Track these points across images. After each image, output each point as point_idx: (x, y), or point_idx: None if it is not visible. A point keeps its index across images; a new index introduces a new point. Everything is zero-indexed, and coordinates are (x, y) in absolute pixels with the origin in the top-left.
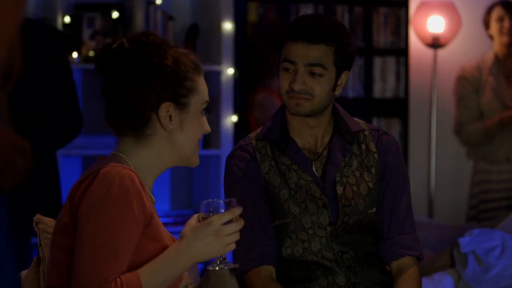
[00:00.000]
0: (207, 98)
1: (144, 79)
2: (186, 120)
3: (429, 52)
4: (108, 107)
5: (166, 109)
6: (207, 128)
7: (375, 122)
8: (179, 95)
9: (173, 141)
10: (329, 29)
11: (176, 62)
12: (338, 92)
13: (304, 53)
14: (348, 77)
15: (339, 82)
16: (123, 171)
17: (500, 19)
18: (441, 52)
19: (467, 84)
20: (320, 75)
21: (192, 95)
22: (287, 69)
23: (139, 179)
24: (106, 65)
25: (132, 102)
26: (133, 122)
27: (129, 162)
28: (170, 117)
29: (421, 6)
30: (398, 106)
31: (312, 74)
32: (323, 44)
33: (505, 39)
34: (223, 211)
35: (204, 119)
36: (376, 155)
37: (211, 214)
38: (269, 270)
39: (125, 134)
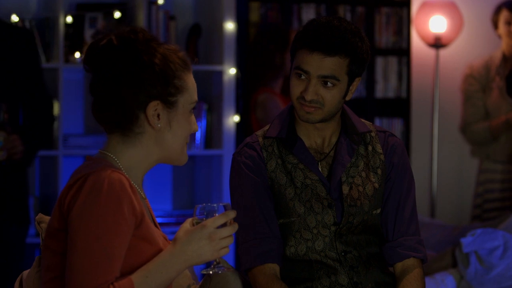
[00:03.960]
0: (196, 97)
1: (133, 77)
2: (174, 119)
3: (431, 52)
4: (95, 104)
5: (154, 107)
6: (195, 127)
7: (377, 122)
8: (167, 93)
9: (161, 140)
10: (346, 41)
11: (165, 60)
12: (348, 97)
13: (319, 64)
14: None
15: (350, 88)
16: (112, 175)
17: (508, 23)
18: (443, 52)
19: (474, 83)
20: (333, 85)
21: (180, 94)
22: (299, 75)
23: (129, 181)
24: (94, 61)
25: (120, 100)
26: (121, 121)
27: (118, 161)
28: (158, 115)
29: (423, 6)
30: (400, 106)
31: (325, 83)
32: (338, 57)
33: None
34: (217, 214)
35: (193, 118)
36: (382, 157)
37: (205, 218)
38: (273, 268)
39: (113, 131)
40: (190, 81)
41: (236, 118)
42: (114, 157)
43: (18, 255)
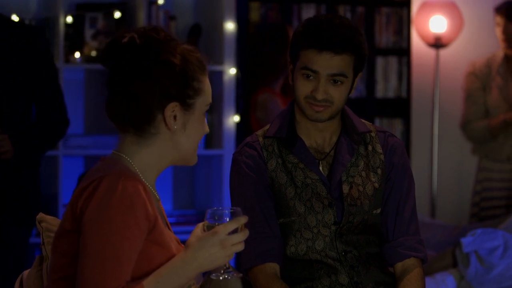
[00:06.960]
0: (210, 100)
1: (153, 77)
2: (189, 121)
3: (431, 52)
4: (111, 101)
5: (172, 109)
6: (207, 129)
7: (377, 122)
8: (186, 95)
9: (175, 142)
10: (353, 38)
11: (185, 61)
12: (351, 94)
13: (328, 63)
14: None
15: (353, 84)
16: (126, 180)
17: (498, 25)
18: (443, 52)
19: (476, 81)
20: (341, 83)
21: (198, 96)
22: (307, 76)
23: (143, 186)
24: (115, 59)
25: (139, 100)
26: (137, 120)
27: (132, 162)
28: (175, 117)
29: (423, 6)
30: (400, 106)
31: (334, 81)
32: (346, 54)
33: (503, 44)
34: (228, 219)
35: (204, 119)
36: (382, 157)
37: (216, 223)
38: (274, 267)
39: (127, 130)
40: (207, 84)
41: (236, 118)
42: (128, 159)
43: (18, 255)
